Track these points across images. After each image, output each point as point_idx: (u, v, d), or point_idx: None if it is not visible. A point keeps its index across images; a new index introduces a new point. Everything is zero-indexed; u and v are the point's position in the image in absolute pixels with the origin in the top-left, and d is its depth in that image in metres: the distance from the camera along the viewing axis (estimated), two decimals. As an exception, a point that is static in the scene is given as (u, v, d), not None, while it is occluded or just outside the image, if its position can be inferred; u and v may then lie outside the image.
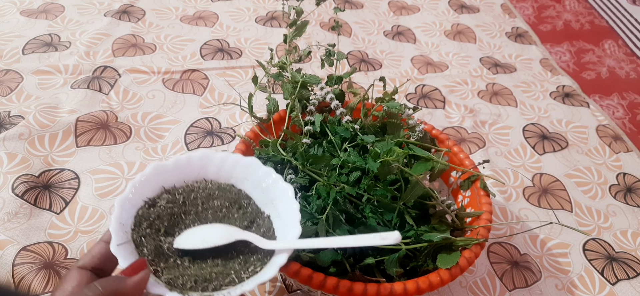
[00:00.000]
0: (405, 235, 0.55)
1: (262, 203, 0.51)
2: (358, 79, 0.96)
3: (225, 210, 0.50)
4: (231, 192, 0.51)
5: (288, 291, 0.62)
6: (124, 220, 0.45)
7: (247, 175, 0.51)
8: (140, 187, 0.48)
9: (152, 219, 0.47)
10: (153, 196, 0.49)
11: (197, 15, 1.05)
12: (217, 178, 0.51)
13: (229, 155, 0.51)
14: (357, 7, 1.17)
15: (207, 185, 0.51)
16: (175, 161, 0.50)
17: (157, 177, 0.49)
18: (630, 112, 0.99)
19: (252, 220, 0.50)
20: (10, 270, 0.59)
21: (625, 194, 0.82)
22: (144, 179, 0.48)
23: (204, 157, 0.51)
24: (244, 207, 0.50)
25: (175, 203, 0.49)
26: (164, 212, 0.48)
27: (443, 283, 0.52)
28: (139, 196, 0.48)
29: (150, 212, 0.48)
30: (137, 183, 0.48)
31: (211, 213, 0.49)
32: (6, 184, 0.67)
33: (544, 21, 1.22)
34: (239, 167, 0.51)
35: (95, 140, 0.76)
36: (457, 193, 0.66)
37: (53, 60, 0.88)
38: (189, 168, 0.51)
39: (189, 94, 0.87)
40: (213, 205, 0.50)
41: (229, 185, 0.51)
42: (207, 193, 0.50)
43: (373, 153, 0.53)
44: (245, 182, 0.51)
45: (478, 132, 0.88)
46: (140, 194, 0.48)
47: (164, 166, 0.50)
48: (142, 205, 0.48)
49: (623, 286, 0.69)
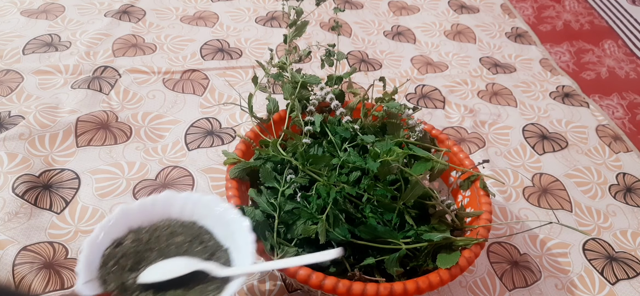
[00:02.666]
0: (405, 235, 0.55)
1: (223, 237, 0.54)
2: (358, 79, 0.96)
3: (187, 245, 0.54)
4: (193, 228, 0.55)
5: (288, 291, 0.63)
6: (92, 260, 0.50)
7: (208, 212, 0.55)
8: (108, 229, 0.53)
9: (118, 257, 0.52)
10: (120, 236, 0.53)
11: (197, 15, 1.06)
12: (181, 216, 0.56)
13: (191, 194, 0.56)
14: (357, 7, 1.17)
15: (170, 223, 0.55)
16: (140, 203, 0.55)
17: (123, 219, 0.54)
18: (630, 112, 0.99)
19: (212, 253, 0.53)
20: (11, 269, 0.59)
21: (625, 194, 0.82)
22: (112, 222, 0.53)
23: (167, 198, 0.55)
24: (205, 241, 0.54)
25: (140, 242, 0.53)
26: (130, 250, 0.52)
27: (443, 283, 0.52)
28: (107, 237, 0.52)
29: (116, 251, 0.52)
30: (105, 225, 0.52)
31: (174, 249, 0.53)
32: (6, 184, 0.67)
33: (543, 21, 1.22)
34: (201, 205, 0.55)
35: (95, 140, 0.76)
36: (457, 193, 0.66)
37: (53, 60, 0.88)
38: (154, 209, 0.55)
39: (189, 94, 0.87)
40: (175, 241, 0.54)
41: (191, 222, 0.56)
42: (170, 231, 0.55)
43: (373, 153, 0.53)
44: (207, 218, 0.55)
45: (478, 132, 0.88)
46: (109, 235, 0.53)
47: (130, 208, 0.54)
48: (110, 245, 0.52)
49: (623, 286, 0.69)
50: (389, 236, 0.54)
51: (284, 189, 0.57)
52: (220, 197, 0.57)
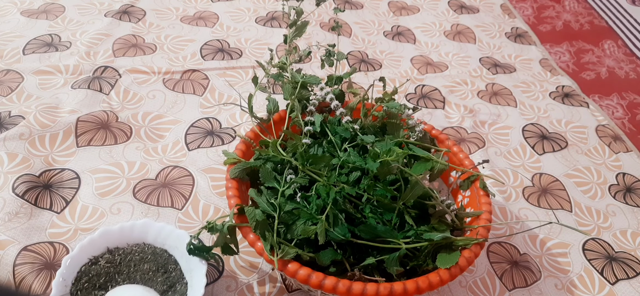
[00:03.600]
0: (405, 235, 0.55)
1: (186, 270, 0.60)
2: (358, 79, 0.96)
3: (151, 274, 0.59)
4: (162, 256, 0.61)
5: (288, 291, 0.63)
6: (67, 276, 0.56)
7: (177, 244, 0.60)
8: (87, 247, 0.58)
9: (92, 275, 0.57)
10: (97, 255, 0.59)
11: (197, 15, 1.06)
12: (155, 243, 0.61)
13: (166, 225, 0.61)
14: (357, 7, 1.17)
15: (144, 248, 0.61)
16: (120, 227, 0.60)
17: (103, 239, 0.59)
18: (629, 112, 0.99)
19: (172, 285, 0.59)
20: (12, 270, 0.59)
21: (624, 194, 0.82)
22: (91, 240, 0.58)
23: (145, 224, 0.61)
24: (169, 271, 0.60)
25: (113, 264, 0.59)
26: (102, 270, 0.58)
27: (443, 282, 0.52)
28: (84, 254, 0.58)
29: (91, 269, 0.58)
30: (84, 243, 0.58)
31: (139, 275, 0.59)
32: (7, 184, 0.67)
33: (543, 21, 1.22)
34: (172, 237, 0.61)
35: (95, 140, 0.76)
36: (456, 193, 0.66)
37: (53, 61, 0.88)
38: (131, 233, 0.61)
39: (189, 94, 0.87)
40: (143, 268, 0.59)
41: (162, 250, 0.61)
42: (141, 257, 0.60)
43: (373, 153, 0.53)
44: (176, 250, 0.61)
45: (478, 132, 0.88)
46: (87, 252, 0.58)
47: (110, 230, 0.60)
48: (86, 262, 0.58)
49: (623, 286, 0.69)
50: (389, 236, 0.54)
51: (284, 189, 0.57)
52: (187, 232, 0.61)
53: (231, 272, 0.63)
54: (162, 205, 0.69)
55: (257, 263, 0.65)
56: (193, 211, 0.69)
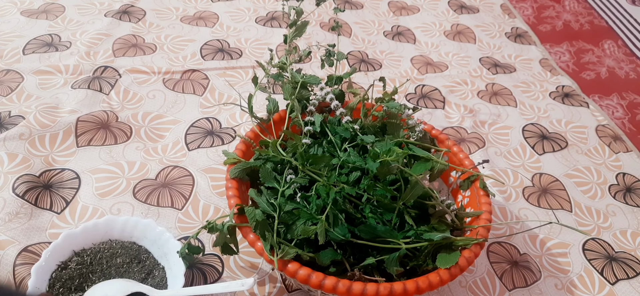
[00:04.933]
0: (405, 235, 0.55)
1: (159, 256, 0.61)
2: (358, 79, 0.96)
3: (126, 266, 0.60)
4: (132, 248, 0.61)
5: (288, 291, 0.63)
6: (39, 284, 0.55)
7: (146, 233, 0.61)
8: (53, 253, 0.58)
9: (64, 280, 0.57)
10: (65, 259, 0.59)
11: (197, 15, 1.06)
12: (121, 237, 0.62)
13: (130, 218, 0.62)
14: (357, 7, 1.17)
15: (111, 244, 0.61)
16: (83, 228, 0.60)
17: (67, 243, 0.59)
18: (629, 112, 0.99)
19: (149, 272, 0.60)
20: (12, 270, 0.59)
21: (624, 194, 0.82)
22: (56, 246, 0.58)
23: (108, 221, 0.61)
24: (143, 260, 0.60)
25: (84, 264, 0.59)
26: (75, 273, 0.58)
27: (443, 282, 0.52)
28: (52, 261, 0.58)
29: (62, 274, 0.58)
30: (49, 250, 0.58)
31: (114, 270, 0.59)
32: (7, 184, 0.67)
33: (543, 21, 1.22)
34: (139, 228, 0.62)
35: (95, 140, 0.76)
36: (456, 193, 0.66)
37: (53, 60, 0.88)
38: (95, 232, 0.61)
39: (189, 94, 0.87)
40: (116, 262, 0.60)
41: (130, 243, 0.62)
42: (111, 253, 0.60)
43: (373, 153, 0.53)
44: (144, 239, 0.62)
45: (478, 132, 0.88)
46: (54, 259, 0.58)
47: (73, 233, 0.60)
48: (56, 269, 0.58)
49: (623, 286, 0.69)
50: (389, 236, 0.54)
51: (283, 189, 0.57)
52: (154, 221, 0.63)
53: (231, 272, 0.63)
54: (162, 205, 0.69)
55: (257, 263, 0.65)
56: (193, 211, 0.69)
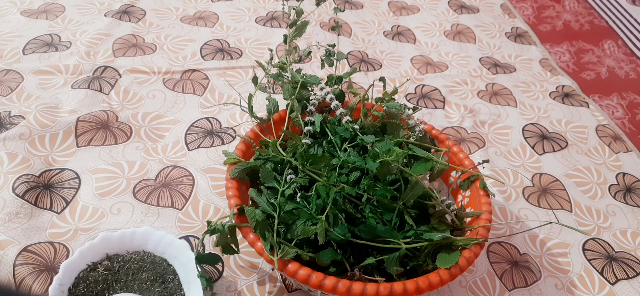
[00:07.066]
0: (405, 235, 0.55)
1: (184, 281, 0.59)
2: (358, 79, 0.96)
3: (149, 283, 0.59)
4: (161, 266, 0.60)
5: (288, 291, 0.63)
6: (64, 281, 0.56)
7: (177, 253, 0.60)
8: (87, 252, 0.58)
9: (90, 282, 0.57)
10: (96, 261, 0.59)
11: (197, 15, 1.06)
12: (155, 251, 0.61)
13: (166, 235, 0.61)
14: (357, 7, 1.17)
15: (143, 257, 0.61)
16: (121, 234, 0.60)
17: (103, 245, 0.59)
18: (629, 112, 0.99)
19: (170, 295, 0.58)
20: (12, 270, 0.59)
21: (624, 194, 0.82)
22: (91, 246, 0.58)
23: (146, 233, 0.61)
24: (167, 281, 0.59)
25: (111, 271, 0.59)
26: (100, 277, 0.58)
27: (443, 282, 0.52)
28: (83, 259, 0.58)
29: (89, 275, 0.58)
30: (84, 249, 0.58)
31: (137, 284, 0.59)
32: (7, 184, 0.67)
33: (543, 21, 1.22)
34: (173, 246, 0.60)
35: (95, 140, 0.76)
36: (456, 193, 0.66)
37: (53, 60, 0.88)
38: (132, 240, 0.61)
39: (189, 94, 0.87)
40: (141, 277, 0.59)
41: (162, 259, 0.61)
42: (139, 266, 0.60)
43: (372, 153, 0.53)
44: (175, 259, 0.60)
45: (478, 132, 0.88)
46: (85, 258, 0.58)
47: (111, 237, 0.60)
48: (85, 268, 0.58)
49: (623, 286, 0.69)
50: (389, 236, 0.54)
51: (283, 189, 0.57)
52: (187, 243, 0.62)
53: (231, 272, 0.63)
54: (162, 205, 0.69)
55: (257, 263, 0.65)
56: (193, 211, 0.69)
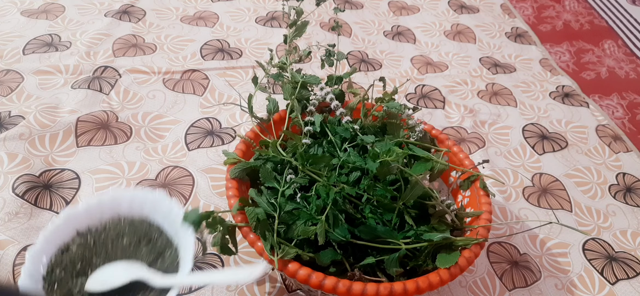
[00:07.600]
0: (405, 235, 0.55)
1: (172, 233, 0.54)
2: (358, 79, 0.96)
3: (133, 247, 0.53)
4: (142, 226, 0.55)
5: (288, 291, 0.63)
6: (34, 271, 0.50)
7: (156, 208, 0.55)
8: (52, 236, 0.52)
9: (65, 264, 0.51)
10: (67, 241, 0.53)
11: (197, 15, 1.06)
12: (130, 213, 0.56)
13: (138, 192, 0.56)
14: (357, 7, 1.17)
15: (119, 222, 0.55)
16: (86, 206, 0.54)
17: (69, 223, 0.53)
18: (629, 112, 0.99)
19: (160, 253, 0.53)
20: (11, 270, 0.59)
21: (624, 194, 0.82)
22: (55, 227, 0.52)
23: (114, 197, 0.56)
24: (154, 239, 0.54)
25: (87, 247, 0.53)
26: (76, 256, 0.52)
27: (443, 282, 0.52)
28: (51, 244, 0.52)
29: (63, 258, 0.52)
30: (47, 233, 0.52)
31: (120, 252, 0.53)
32: (7, 184, 0.67)
33: (543, 21, 1.22)
34: (148, 202, 0.56)
35: (95, 140, 0.76)
36: (456, 193, 0.66)
37: (53, 61, 0.88)
38: (101, 210, 0.55)
39: (189, 94, 0.87)
40: (122, 243, 0.54)
41: (141, 220, 0.56)
42: (117, 233, 0.54)
43: (372, 153, 0.53)
44: (156, 214, 0.56)
45: (478, 132, 0.88)
46: (53, 242, 0.52)
47: (75, 212, 0.54)
48: (55, 252, 0.52)
49: (623, 286, 0.69)
50: (389, 236, 0.54)
51: (284, 189, 0.57)
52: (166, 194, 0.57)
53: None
54: (162, 205, 0.69)
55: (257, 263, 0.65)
56: (193, 211, 0.69)
